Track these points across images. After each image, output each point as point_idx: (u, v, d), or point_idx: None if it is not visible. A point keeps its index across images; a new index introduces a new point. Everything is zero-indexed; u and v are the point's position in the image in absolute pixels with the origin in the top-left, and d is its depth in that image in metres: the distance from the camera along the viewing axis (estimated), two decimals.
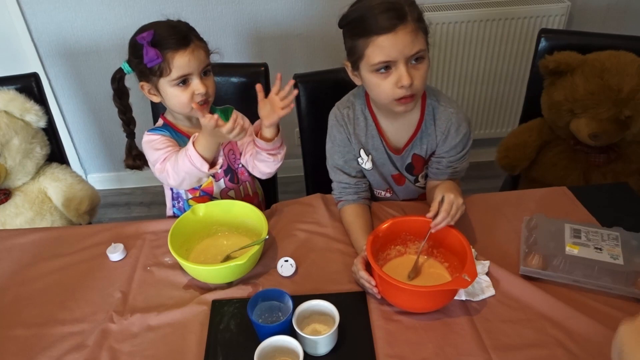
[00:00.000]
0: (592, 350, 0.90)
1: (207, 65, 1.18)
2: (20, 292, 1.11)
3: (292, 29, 2.18)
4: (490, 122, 2.50)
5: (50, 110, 1.60)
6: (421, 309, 0.99)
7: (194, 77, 1.15)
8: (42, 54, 2.20)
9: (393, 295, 0.99)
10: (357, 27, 1.05)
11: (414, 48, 1.02)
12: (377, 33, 1.01)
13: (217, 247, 1.17)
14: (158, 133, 1.23)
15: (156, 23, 1.17)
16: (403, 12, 1.01)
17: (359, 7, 1.06)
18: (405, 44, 1.01)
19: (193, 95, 1.15)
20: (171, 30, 1.14)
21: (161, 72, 1.13)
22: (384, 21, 1.01)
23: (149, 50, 1.10)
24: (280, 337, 0.88)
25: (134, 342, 0.97)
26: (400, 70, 1.03)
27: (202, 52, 1.16)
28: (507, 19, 2.16)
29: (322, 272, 1.10)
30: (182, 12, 2.10)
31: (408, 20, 1.01)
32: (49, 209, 1.62)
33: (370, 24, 1.02)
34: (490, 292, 1.02)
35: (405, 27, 1.01)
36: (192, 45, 1.14)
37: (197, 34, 1.18)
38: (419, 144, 1.20)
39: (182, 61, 1.12)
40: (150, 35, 1.11)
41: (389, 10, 1.01)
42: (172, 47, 1.12)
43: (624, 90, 1.43)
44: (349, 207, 1.21)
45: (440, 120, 1.17)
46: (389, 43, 1.01)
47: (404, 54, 1.02)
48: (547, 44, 1.59)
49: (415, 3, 1.05)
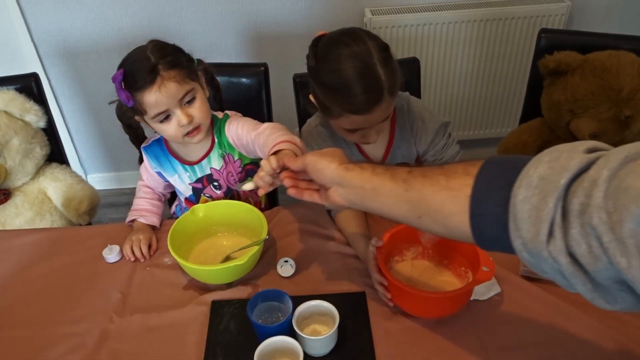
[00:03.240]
0: (592, 350, 0.90)
1: (186, 94, 1.10)
2: (20, 292, 1.11)
3: (292, 29, 2.17)
4: (490, 122, 2.50)
5: (50, 111, 1.60)
6: (444, 313, 0.97)
7: (173, 110, 1.10)
8: (42, 54, 2.19)
9: (414, 305, 0.96)
10: (334, 97, 1.04)
11: (384, 116, 1.06)
12: (353, 112, 1.03)
13: (217, 248, 1.16)
14: (146, 154, 1.28)
15: (131, 55, 1.11)
16: (381, 94, 1.01)
17: (338, 74, 1.02)
18: (378, 118, 1.05)
19: (178, 126, 1.11)
20: (139, 66, 1.07)
21: (139, 111, 1.11)
22: (361, 104, 1.01)
23: (120, 92, 1.07)
24: (280, 337, 0.88)
25: (134, 343, 0.97)
26: (368, 132, 1.09)
27: (172, 83, 1.07)
28: (507, 19, 2.16)
29: (322, 272, 1.10)
30: (182, 12, 2.11)
31: (384, 99, 1.02)
32: (49, 209, 1.62)
33: (347, 101, 1.02)
34: (496, 289, 1.01)
35: (381, 106, 1.02)
36: (158, 81, 1.06)
37: (170, 60, 1.08)
38: (398, 154, 1.20)
39: (150, 99, 1.06)
40: (120, 75, 1.06)
41: (368, 92, 1.00)
42: (139, 86, 1.06)
43: (624, 90, 1.43)
44: (343, 213, 1.20)
45: (411, 122, 1.20)
46: (362, 120, 1.04)
47: (375, 122, 1.07)
48: (547, 43, 1.59)
49: (392, 72, 1.03)
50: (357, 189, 0.75)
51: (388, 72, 1.01)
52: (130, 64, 1.09)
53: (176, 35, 2.15)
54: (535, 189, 0.53)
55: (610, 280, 0.50)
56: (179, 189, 1.32)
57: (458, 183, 0.63)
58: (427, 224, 0.69)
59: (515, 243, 0.57)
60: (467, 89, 2.38)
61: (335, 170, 0.77)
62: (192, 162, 1.26)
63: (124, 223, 1.27)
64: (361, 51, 1.01)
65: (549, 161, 0.55)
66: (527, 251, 0.56)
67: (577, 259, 0.52)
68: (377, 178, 0.72)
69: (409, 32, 2.15)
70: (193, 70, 1.14)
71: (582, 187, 0.50)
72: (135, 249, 1.16)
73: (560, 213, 0.52)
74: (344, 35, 1.04)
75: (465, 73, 2.32)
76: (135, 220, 1.24)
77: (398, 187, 0.70)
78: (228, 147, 1.24)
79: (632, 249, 0.45)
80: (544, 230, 0.52)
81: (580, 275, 0.52)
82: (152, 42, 1.12)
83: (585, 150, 0.54)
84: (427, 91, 2.35)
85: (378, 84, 1.00)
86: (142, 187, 1.32)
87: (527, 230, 0.54)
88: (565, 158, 0.53)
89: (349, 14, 2.19)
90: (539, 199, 0.53)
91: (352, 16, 2.19)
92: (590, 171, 0.51)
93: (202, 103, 1.15)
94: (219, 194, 1.30)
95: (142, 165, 1.31)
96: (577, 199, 0.50)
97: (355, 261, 1.12)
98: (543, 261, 0.54)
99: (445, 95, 2.38)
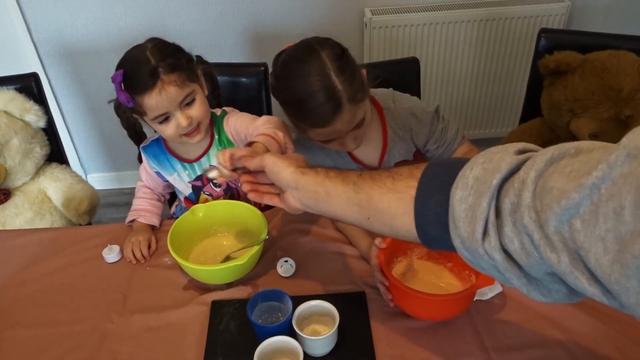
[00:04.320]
0: (592, 350, 0.90)
1: (186, 97, 1.10)
2: (20, 292, 1.11)
3: (292, 29, 2.18)
4: (490, 122, 2.50)
5: (50, 110, 1.60)
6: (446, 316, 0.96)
7: (173, 112, 1.10)
8: (42, 54, 2.19)
9: (415, 307, 0.96)
10: (294, 113, 1.03)
11: (353, 124, 1.02)
12: (315, 126, 1.02)
13: (217, 248, 1.16)
14: (144, 154, 1.27)
15: (131, 55, 1.10)
16: (339, 104, 0.98)
17: (292, 91, 1.00)
18: (344, 127, 1.02)
19: (177, 127, 1.12)
20: (139, 68, 1.06)
21: (139, 112, 1.11)
22: (321, 117, 0.99)
23: (120, 93, 1.07)
24: (280, 337, 0.88)
25: (134, 343, 0.97)
26: (344, 140, 1.06)
27: (173, 87, 1.07)
28: (507, 19, 2.16)
29: (322, 272, 1.10)
30: (182, 12, 2.11)
31: (345, 109, 0.98)
32: (49, 209, 1.62)
33: (306, 116, 1.01)
34: (498, 289, 1.01)
35: (342, 115, 0.99)
36: (158, 84, 1.05)
37: (171, 62, 1.08)
38: (395, 152, 1.18)
39: (150, 103, 1.07)
40: (120, 75, 1.05)
41: (325, 104, 0.97)
42: (138, 90, 1.06)
43: (624, 90, 1.43)
44: None
45: (402, 119, 1.17)
46: (329, 131, 1.02)
47: (345, 132, 1.03)
48: (547, 43, 1.59)
49: (350, 80, 0.99)
50: (311, 193, 0.76)
51: (345, 81, 0.98)
52: (130, 65, 1.08)
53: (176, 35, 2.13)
54: (470, 189, 0.56)
55: (543, 273, 0.52)
56: (178, 189, 1.32)
57: (403, 185, 0.65)
58: (376, 225, 0.70)
59: (455, 242, 0.58)
60: (467, 89, 2.38)
61: (291, 173, 0.78)
62: (191, 160, 1.26)
63: (124, 223, 1.27)
64: (314, 64, 0.98)
65: (482, 162, 0.57)
66: (465, 249, 0.58)
67: (510, 255, 0.53)
68: (329, 181, 0.74)
69: (409, 32, 2.15)
70: (193, 71, 1.14)
71: (513, 188, 0.52)
72: (136, 250, 1.16)
73: (494, 212, 0.54)
74: (299, 49, 1.02)
75: (465, 73, 2.32)
76: (135, 220, 1.25)
77: (348, 189, 0.71)
78: (227, 143, 1.25)
79: (559, 244, 0.47)
80: (479, 228, 0.54)
81: (514, 270, 0.54)
82: (151, 42, 1.12)
83: (515, 151, 0.56)
84: (427, 91, 2.35)
85: (335, 95, 0.97)
86: (141, 188, 1.33)
87: (464, 229, 0.56)
88: (497, 159, 0.55)
89: (349, 14, 2.19)
90: (474, 198, 0.55)
91: (352, 16, 2.19)
92: (520, 172, 0.53)
93: (201, 103, 1.15)
94: (218, 191, 1.30)
95: (141, 166, 1.31)
96: (509, 198, 0.52)
97: (355, 261, 1.12)
98: (480, 258, 0.56)
99: (445, 95, 2.38)
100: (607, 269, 0.43)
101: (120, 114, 1.19)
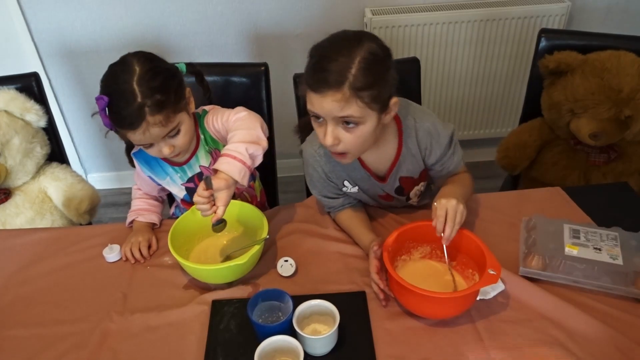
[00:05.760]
0: (592, 350, 0.90)
1: (171, 131, 1.08)
2: (20, 292, 1.11)
3: (292, 28, 2.17)
4: (490, 122, 2.50)
5: (50, 110, 1.60)
6: (449, 314, 0.97)
7: (157, 142, 1.10)
8: (42, 53, 2.20)
9: (419, 305, 0.96)
10: (305, 70, 0.99)
11: (342, 112, 0.94)
12: (310, 88, 0.96)
13: (217, 247, 1.17)
14: (136, 160, 1.27)
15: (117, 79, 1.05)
16: (340, 80, 0.92)
17: (318, 50, 0.98)
18: (331, 107, 0.94)
19: (160, 152, 1.12)
20: (124, 105, 1.03)
21: (123, 137, 1.11)
22: (314, 81, 0.95)
23: (104, 118, 1.06)
24: (281, 337, 0.88)
25: (134, 342, 0.97)
26: (327, 129, 0.98)
27: (157, 128, 1.05)
28: (507, 19, 2.16)
29: (322, 272, 1.10)
30: (182, 12, 2.11)
31: (341, 90, 0.92)
32: (49, 208, 1.62)
33: (307, 75, 0.97)
34: (500, 287, 1.00)
35: (335, 93, 0.92)
36: (143, 126, 1.03)
37: (158, 100, 1.03)
38: (403, 168, 1.16)
39: (134, 138, 1.08)
40: (104, 102, 1.04)
41: (322, 71, 0.93)
42: (123, 125, 1.05)
43: (624, 90, 1.43)
44: (343, 212, 1.21)
45: (420, 138, 1.12)
46: (317, 101, 0.95)
47: (330, 115, 0.96)
48: (547, 44, 1.59)
49: (367, 74, 0.93)
50: None
51: (362, 69, 0.92)
52: (115, 98, 1.04)
53: (176, 35, 2.15)
54: None
55: None
56: (172, 192, 1.31)
57: None
58: None
59: None
60: (467, 89, 2.38)
61: None
62: (181, 163, 1.25)
63: (124, 223, 1.27)
64: (353, 39, 0.95)
65: None
66: None
67: None
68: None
69: (409, 32, 2.15)
70: (180, 102, 1.10)
71: None
72: (135, 250, 1.16)
73: None
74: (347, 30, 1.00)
75: (465, 73, 2.32)
76: (134, 220, 1.24)
77: None
78: (212, 142, 1.24)
79: None
80: None
81: None
82: (141, 65, 1.06)
83: None
84: (427, 91, 2.35)
85: (343, 69, 0.92)
86: (137, 191, 1.33)
87: None
88: None
89: (349, 14, 2.19)
90: None
91: (352, 16, 2.19)
92: None
93: (185, 133, 1.12)
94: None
95: (135, 172, 1.31)
96: None
97: (356, 261, 1.12)
98: None
99: (445, 95, 2.38)
100: None
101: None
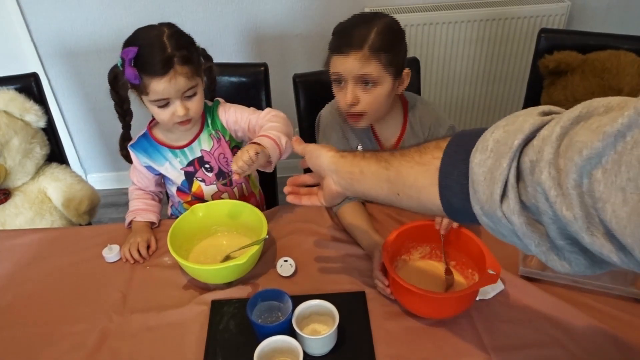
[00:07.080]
0: (592, 350, 0.90)
1: (190, 89, 1.13)
2: (20, 292, 1.11)
3: (292, 29, 2.18)
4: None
5: (50, 110, 1.60)
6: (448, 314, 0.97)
7: (173, 100, 1.13)
8: (42, 54, 2.20)
9: (418, 305, 0.96)
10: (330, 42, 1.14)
11: (362, 70, 1.08)
12: (334, 52, 1.11)
13: (217, 247, 1.16)
14: (133, 151, 1.29)
15: (147, 35, 1.12)
16: (362, 40, 1.08)
17: (341, 25, 1.15)
18: (353, 66, 1.08)
19: (173, 115, 1.14)
20: (155, 52, 1.08)
21: (141, 90, 1.12)
22: (338, 44, 1.10)
23: (128, 69, 1.07)
24: (280, 337, 0.88)
25: (133, 342, 0.97)
26: (347, 88, 1.11)
27: (183, 78, 1.10)
28: (507, 19, 2.16)
29: (321, 272, 1.10)
30: (182, 12, 2.11)
31: (362, 51, 1.07)
32: (49, 209, 1.62)
33: (332, 43, 1.13)
34: (500, 287, 1.01)
35: (356, 53, 1.08)
36: (171, 73, 1.08)
37: (185, 54, 1.11)
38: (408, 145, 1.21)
39: (158, 88, 1.09)
40: (133, 52, 1.07)
41: (345, 36, 1.10)
42: (150, 72, 1.08)
43: (624, 90, 1.43)
44: (345, 207, 1.21)
45: (424, 118, 1.25)
46: (340, 62, 1.10)
47: (351, 74, 1.09)
48: (547, 43, 1.59)
49: (385, 37, 1.09)
50: (347, 173, 0.79)
51: (380, 34, 1.08)
52: (145, 46, 1.08)
53: None
54: (490, 152, 0.54)
55: (562, 240, 0.51)
56: (171, 179, 1.30)
57: (429, 157, 0.65)
58: (404, 201, 0.71)
59: (475, 208, 0.58)
60: (467, 89, 2.38)
61: (331, 157, 0.82)
62: (181, 146, 1.26)
63: (123, 224, 1.27)
64: (372, 15, 1.14)
65: (504, 125, 0.56)
66: (484, 215, 0.57)
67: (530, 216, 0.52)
68: (364, 161, 0.77)
69: (409, 32, 2.15)
70: (200, 66, 1.17)
71: (533, 145, 0.51)
72: (133, 251, 1.16)
73: (514, 174, 0.52)
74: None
75: (465, 73, 2.32)
76: (133, 221, 1.24)
77: (380, 167, 0.73)
78: (221, 129, 1.27)
79: (575, 200, 0.46)
80: (497, 190, 0.53)
81: (534, 236, 0.53)
82: (169, 28, 1.13)
83: (540, 113, 0.55)
84: (427, 91, 2.35)
85: (363, 34, 1.08)
86: (134, 191, 1.33)
87: (482, 192, 0.55)
88: (520, 121, 0.54)
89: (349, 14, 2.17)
90: (493, 160, 0.54)
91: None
92: (543, 130, 0.51)
93: (200, 99, 1.17)
94: (210, 176, 1.30)
95: (131, 169, 1.32)
96: (528, 156, 0.51)
97: (356, 261, 1.12)
98: (499, 223, 0.55)
99: (446, 95, 2.38)
100: (624, 221, 0.42)
101: (117, 86, 1.18)
